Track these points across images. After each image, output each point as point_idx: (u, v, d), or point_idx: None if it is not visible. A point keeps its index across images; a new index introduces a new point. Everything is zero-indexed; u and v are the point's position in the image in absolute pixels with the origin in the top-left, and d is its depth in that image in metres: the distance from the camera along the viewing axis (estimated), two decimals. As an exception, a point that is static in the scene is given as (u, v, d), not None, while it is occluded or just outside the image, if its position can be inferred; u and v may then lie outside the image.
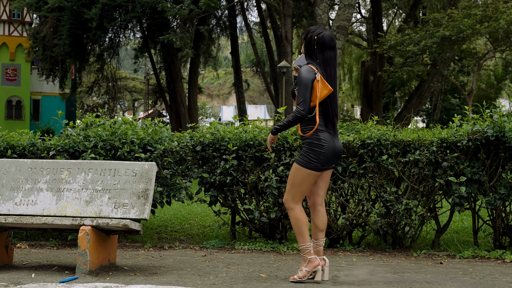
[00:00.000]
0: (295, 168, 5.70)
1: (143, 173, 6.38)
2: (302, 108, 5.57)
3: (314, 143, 5.62)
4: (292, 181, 5.73)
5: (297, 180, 5.69)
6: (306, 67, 5.69)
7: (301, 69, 5.66)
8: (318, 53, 5.74)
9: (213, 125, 8.34)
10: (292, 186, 5.74)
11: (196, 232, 9.17)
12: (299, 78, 5.62)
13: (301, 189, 5.72)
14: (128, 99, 72.44)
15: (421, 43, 25.86)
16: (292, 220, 5.74)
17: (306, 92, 5.59)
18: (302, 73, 5.63)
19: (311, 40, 5.76)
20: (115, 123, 8.56)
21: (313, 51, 5.76)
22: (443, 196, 7.82)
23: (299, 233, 5.71)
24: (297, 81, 5.63)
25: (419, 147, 7.59)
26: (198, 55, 32.20)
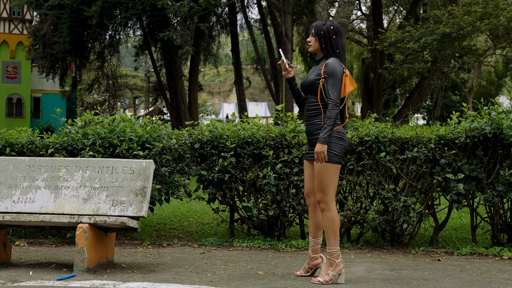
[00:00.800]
0: (323, 167, 5.56)
1: (140, 170, 6.39)
2: (338, 101, 5.52)
3: (335, 137, 5.57)
4: (325, 180, 5.60)
5: (331, 178, 5.61)
6: (335, 60, 5.65)
7: (331, 62, 5.61)
8: (338, 42, 5.74)
9: (211, 123, 8.34)
10: (327, 186, 5.62)
11: (195, 230, 9.18)
12: (331, 70, 5.56)
13: (335, 185, 5.67)
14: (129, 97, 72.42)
15: (422, 40, 25.81)
16: (329, 222, 5.63)
17: (339, 85, 5.57)
18: (334, 66, 5.59)
19: (328, 31, 5.72)
20: (114, 120, 8.57)
21: (332, 41, 5.73)
22: (441, 193, 7.83)
23: (334, 235, 5.62)
24: (329, 73, 5.56)
25: (417, 144, 7.59)
26: (198, 52, 32.18)
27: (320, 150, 5.48)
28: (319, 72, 5.69)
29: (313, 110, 5.72)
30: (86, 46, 31.37)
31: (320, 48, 5.78)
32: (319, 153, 5.48)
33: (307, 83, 5.77)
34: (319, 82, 5.64)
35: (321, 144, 5.48)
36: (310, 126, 5.75)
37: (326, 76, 5.59)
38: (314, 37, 5.80)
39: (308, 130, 5.77)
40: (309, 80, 5.74)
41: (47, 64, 31.62)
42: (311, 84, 5.72)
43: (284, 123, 8.38)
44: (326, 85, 5.58)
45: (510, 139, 7.20)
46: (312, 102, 5.73)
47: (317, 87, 5.66)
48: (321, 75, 5.64)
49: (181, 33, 25.75)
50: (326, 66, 5.62)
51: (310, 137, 5.76)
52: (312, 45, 5.84)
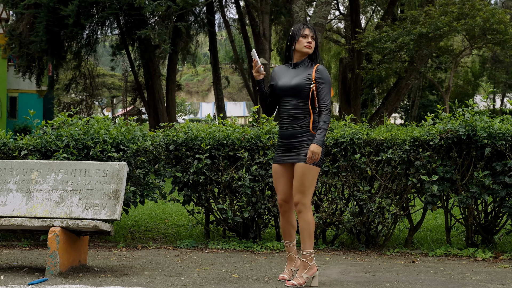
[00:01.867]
0: (307, 169, 5.56)
1: (114, 173, 6.34)
2: (330, 108, 5.59)
3: None
4: (308, 182, 5.60)
5: (312, 181, 5.62)
6: (324, 67, 5.74)
7: (323, 68, 5.69)
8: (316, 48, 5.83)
9: (186, 124, 8.30)
10: (308, 188, 5.61)
11: (170, 232, 9.13)
12: (325, 76, 5.64)
13: (314, 188, 5.69)
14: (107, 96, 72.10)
15: (399, 40, 25.89)
16: (306, 224, 5.62)
17: (330, 92, 5.66)
18: (326, 73, 5.67)
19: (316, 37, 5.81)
20: (88, 122, 8.50)
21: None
22: (416, 194, 7.84)
23: (309, 238, 5.63)
24: (323, 79, 5.62)
25: (391, 146, 7.61)
26: (176, 52, 32.09)
27: (317, 151, 5.48)
28: (309, 77, 5.65)
29: (298, 113, 5.64)
30: (63, 45, 31.15)
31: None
32: (315, 154, 5.48)
33: (294, 87, 5.67)
34: (309, 87, 5.62)
35: (318, 146, 5.49)
36: (294, 128, 5.65)
37: (321, 81, 5.62)
38: (314, 40, 5.80)
39: (291, 133, 5.67)
40: (297, 84, 5.66)
41: (24, 63, 31.35)
42: (299, 88, 5.65)
43: (259, 124, 8.35)
44: (320, 91, 5.61)
45: (484, 140, 7.23)
46: (297, 105, 5.65)
47: (307, 92, 5.62)
48: (311, 80, 5.63)
49: (158, 32, 25.68)
50: (318, 71, 5.66)
51: (292, 140, 5.66)
52: (312, 47, 5.80)
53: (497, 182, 7.35)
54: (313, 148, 5.47)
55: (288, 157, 5.69)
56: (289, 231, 5.86)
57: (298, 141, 5.61)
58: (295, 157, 5.62)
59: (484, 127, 7.29)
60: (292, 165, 5.70)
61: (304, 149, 5.58)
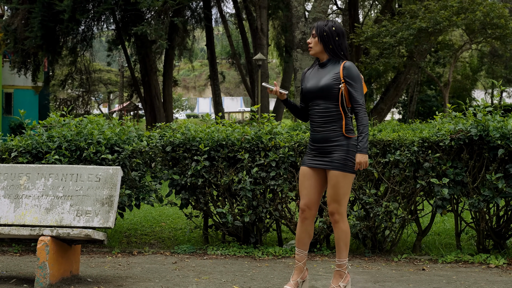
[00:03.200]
0: (342, 177, 5.24)
1: (107, 178, 5.99)
2: (365, 108, 5.27)
3: (353, 145, 5.27)
4: (343, 190, 5.28)
5: (347, 188, 5.30)
6: (352, 63, 5.34)
7: (350, 65, 5.30)
8: (342, 43, 5.42)
9: (183, 124, 7.94)
10: (343, 196, 5.30)
11: (167, 236, 8.76)
12: (354, 74, 5.27)
13: (348, 196, 5.39)
14: (103, 92, 71.81)
15: (398, 34, 25.62)
16: (343, 234, 5.35)
17: (363, 91, 5.31)
18: (355, 69, 5.32)
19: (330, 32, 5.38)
20: (81, 122, 8.14)
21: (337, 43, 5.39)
22: (425, 197, 7.47)
23: (346, 247, 5.37)
24: (352, 78, 5.25)
25: (399, 147, 7.24)
26: (173, 47, 31.74)
27: (364, 160, 5.20)
28: (337, 76, 5.29)
29: (330, 116, 5.28)
30: (58, 41, 30.87)
31: (325, 50, 5.41)
32: (362, 164, 5.20)
33: (322, 88, 5.33)
34: (338, 87, 5.26)
35: (364, 154, 5.20)
36: (326, 132, 5.29)
37: (349, 80, 5.27)
38: (315, 38, 5.42)
39: (324, 137, 5.30)
40: (325, 85, 5.31)
41: (19, 59, 31.13)
42: (328, 89, 5.30)
43: (260, 124, 7.98)
44: (350, 90, 5.26)
45: (497, 141, 6.86)
46: (327, 107, 5.30)
47: (336, 92, 5.27)
48: (340, 80, 5.28)
49: (154, 27, 25.38)
50: (346, 69, 5.29)
51: (325, 144, 5.31)
52: (312, 47, 5.45)
53: (510, 185, 7.00)
54: (359, 158, 5.19)
55: (320, 162, 5.34)
56: (304, 239, 5.50)
57: (331, 146, 5.27)
58: (328, 163, 5.29)
59: (497, 127, 6.93)
60: (323, 171, 5.38)
61: (337, 154, 5.26)
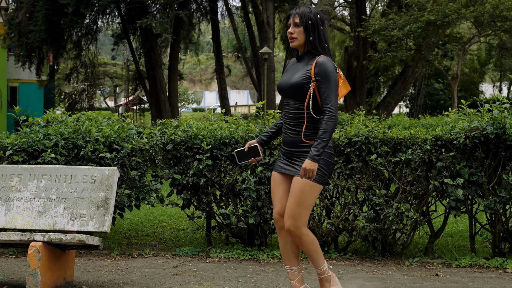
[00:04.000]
0: (307, 186, 4.62)
1: (103, 179, 5.66)
2: (335, 110, 4.55)
3: (326, 153, 4.66)
4: (305, 201, 4.65)
5: (311, 200, 4.68)
6: (326, 58, 4.64)
7: (323, 61, 4.61)
8: (325, 34, 4.73)
9: (185, 121, 7.60)
10: (304, 208, 4.66)
11: (169, 237, 8.44)
12: (324, 71, 4.57)
13: (310, 209, 4.75)
14: (109, 85, 71.62)
15: (406, 28, 25.33)
16: (309, 245, 4.73)
17: (336, 89, 4.62)
18: (327, 66, 4.60)
19: (316, 21, 4.68)
20: (78, 119, 7.82)
21: (321, 33, 4.71)
22: (437, 198, 7.11)
23: (318, 254, 4.79)
24: (322, 75, 4.57)
25: (411, 145, 6.88)
26: (178, 40, 31.43)
27: (310, 168, 4.49)
28: (307, 74, 4.65)
29: (297, 118, 4.70)
30: (63, 34, 30.65)
31: (307, 41, 4.71)
32: (308, 171, 4.50)
33: (291, 86, 4.71)
34: (308, 86, 4.63)
35: (313, 162, 4.49)
36: (293, 135, 4.73)
37: (319, 78, 4.60)
38: (299, 27, 4.70)
39: (292, 140, 4.73)
40: (295, 83, 4.69)
41: (23, 53, 30.92)
42: (297, 87, 4.68)
43: (265, 121, 7.64)
44: (320, 90, 4.60)
45: (514, 140, 6.52)
46: (297, 108, 4.71)
47: (306, 92, 4.65)
48: (310, 78, 4.63)
49: (160, 20, 25.10)
50: (317, 66, 4.62)
51: (293, 148, 4.75)
52: (296, 37, 4.72)
53: (528, 185, 6.65)
54: (306, 164, 4.50)
55: (288, 167, 4.78)
56: (288, 253, 4.93)
57: (299, 151, 4.69)
58: (294, 169, 4.73)
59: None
60: (291, 177, 4.81)
61: None
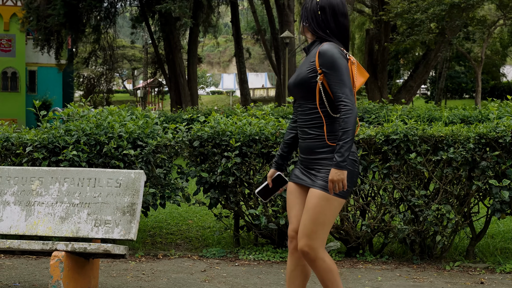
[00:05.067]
0: (323, 200, 3.92)
1: (128, 183, 5.33)
2: (351, 103, 3.84)
3: (350, 160, 3.94)
4: (321, 218, 3.92)
5: (328, 216, 3.95)
6: (329, 44, 3.96)
7: (325, 48, 3.93)
8: (328, 19, 4.04)
9: (213, 117, 7.24)
10: (321, 226, 3.94)
11: (195, 235, 8.10)
12: (329, 59, 3.89)
13: (329, 227, 4.03)
14: (128, 68, 71.44)
15: (429, 10, 24.83)
16: (325, 273, 3.97)
17: (348, 78, 3.90)
18: (332, 52, 3.91)
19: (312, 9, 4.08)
20: (101, 113, 7.48)
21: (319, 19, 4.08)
22: (480, 198, 6.72)
23: (334, 285, 4.01)
24: (327, 65, 3.90)
25: (453, 143, 6.48)
26: (197, 24, 31.07)
27: (338, 178, 3.81)
28: (312, 66, 4.00)
29: (311, 120, 4.03)
30: (81, 18, 30.46)
31: (312, 32, 4.12)
32: (337, 182, 3.81)
33: (297, 83, 4.07)
34: (315, 80, 3.97)
35: (339, 170, 3.80)
36: (309, 140, 4.05)
37: (325, 69, 3.92)
38: (304, 23, 4.17)
39: (307, 146, 4.06)
40: (301, 79, 4.05)
41: (42, 37, 30.79)
42: (303, 84, 4.03)
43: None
44: (329, 83, 3.91)
45: None
46: (309, 108, 4.04)
47: (314, 87, 3.98)
48: (316, 70, 3.97)
49: (179, 4, 24.76)
50: (320, 56, 3.95)
51: (310, 156, 4.05)
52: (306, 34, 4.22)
53: None
54: (332, 175, 3.83)
55: (305, 177, 4.09)
56: (295, 279, 4.20)
57: (316, 159, 4.00)
58: (311, 179, 4.03)
59: None
60: (307, 189, 4.09)
61: (322, 169, 3.97)
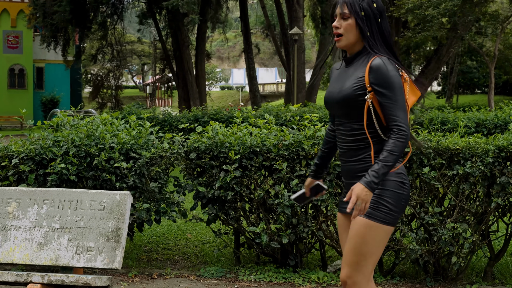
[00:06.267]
0: (366, 228, 3.49)
1: (113, 206, 4.85)
2: (406, 127, 3.42)
3: (394, 182, 3.51)
4: (364, 248, 3.50)
5: (372, 246, 3.50)
6: (384, 59, 3.49)
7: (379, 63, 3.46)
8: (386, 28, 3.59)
9: (211, 126, 6.74)
10: (364, 257, 3.51)
11: (193, 251, 7.59)
12: (388, 77, 3.44)
13: (376, 258, 3.56)
14: (137, 63, 71.25)
15: (441, 6, 24.30)
16: None
17: (402, 100, 3.47)
18: (389, 70, 3.45)
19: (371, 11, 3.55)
20: (91, 123, 6.99)
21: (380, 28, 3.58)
22: (499, 215, 6.19)
23: None
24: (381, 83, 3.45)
25: (470, 157, 5.95)
26: (205, 20, 30.60)
27: (364, 198, 3.36)
28: (360, 82, 3.52)
29: (356, 142, 3.59)
30: (88, 15, 30.19)
31: (363, 39, 3.58)
32: (362, 201, 3.36)
33: (341, 100, 3.58)
34: (363, 98, 3.51)
35: (366, 189, 3.36)
36: (352, 164, 3.63)
37: (379, 88, 3.46)
38: (347, 20, 3.57)
39: (349, 169, 3.65)
40: (346, 95, 3.56)
41: (49, 33, 30.50)
42: (349, 101, 3.56)
43: (301, 127, 6.73)
44: (381, 103, 3.47)
45: None
46: (352, 128, 3.60)
47: (361, 106, 3.53)
48: (365, 87, 3.50)
49: (186, 0, 24.31)
50: (372, 71, 3.47)
51: (353, 180, 3.61)
52: (344, 34, 3.58)
53: None
54: (359, 190, 3.37)
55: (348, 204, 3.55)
56: None
57: None
58: None
59: None
60: None
61: (373, 197, 3.49)
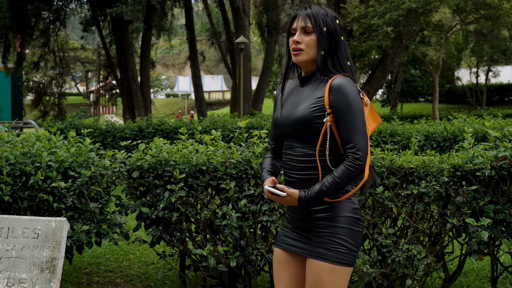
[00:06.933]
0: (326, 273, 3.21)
1: (48, 234, 4.50)
2: (363, 155, 3.19)
3: (350, 219, 3.30)
4: None
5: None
6: (345, 79, 3.23)
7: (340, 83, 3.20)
8: (346, 47, 3.37)
9: (154, 143, 6.40)
10: None
11: (136, 273, 7.22)
12: (345, 99, 3.18)
13: None
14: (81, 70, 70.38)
15: (386, 15, 24.41)
16: None
17: (362, 125, 3.21)
18: (350, 91, 3.19)
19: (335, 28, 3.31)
20: (28, 139, 6.60)
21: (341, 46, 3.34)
22: (454, 236, 5.99)
23: None
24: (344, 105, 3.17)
25: (425, 176, 5.75)
26: (150, 28, 30.22)
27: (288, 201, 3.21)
28: (319, 103, 3.24)
29: (305, 170, 3.30)
30: (29, 21, 29.53)
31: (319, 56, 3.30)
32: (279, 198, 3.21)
33: (296, 122, 3.29)
34: (321, 122, 3.24)
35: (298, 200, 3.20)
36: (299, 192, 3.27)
37: (337, 109, 3.20)
38: (310, 35, 3.31)
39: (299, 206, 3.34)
40: (301, 117, 3.26)
41: (-12, 39, 29.81)
42: (305, 124, 3.26)
43: (249, 144, 6.45)
44: (339, 126, 3.21)
45: (550, 172, 5.41)
46: (306, 154, 3.30)
47: (318, 130, 3.25)
48: (323, 108, 3.23)
49: (130, 8, 23.96)
50: (332, 91, 3.20)
51: (299, 215, 3.35)
52: (304, 49, 3.31)
53: None
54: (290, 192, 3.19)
55: (298, 243, 3.39)
56: None
57: (311, 219, 3.32)
58: (309, 247, 3.33)
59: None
60: (303, 258, 3.43)
61: (322, 234, 3.28)
